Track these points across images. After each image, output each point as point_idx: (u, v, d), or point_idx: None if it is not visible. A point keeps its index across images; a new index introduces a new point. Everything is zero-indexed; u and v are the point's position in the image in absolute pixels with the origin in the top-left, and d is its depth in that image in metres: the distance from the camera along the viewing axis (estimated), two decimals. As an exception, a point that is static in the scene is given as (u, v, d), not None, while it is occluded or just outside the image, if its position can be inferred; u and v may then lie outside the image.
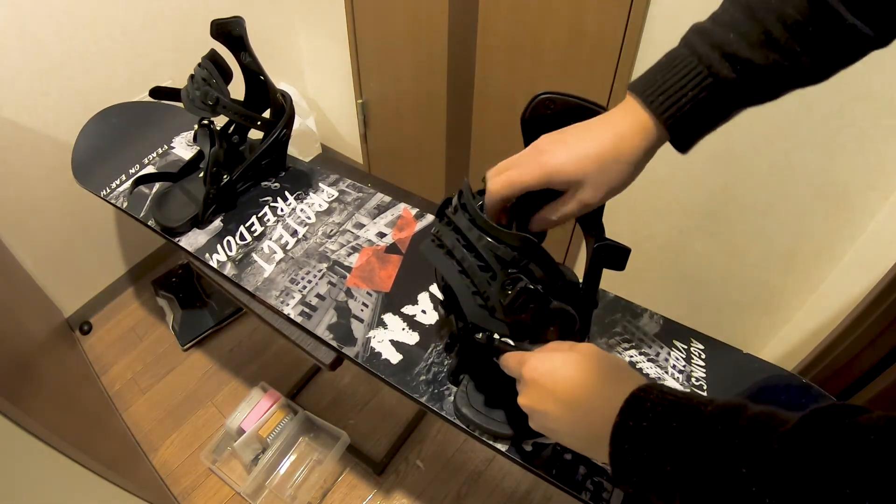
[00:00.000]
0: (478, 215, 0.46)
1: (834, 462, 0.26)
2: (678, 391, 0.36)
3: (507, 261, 0.45)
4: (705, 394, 0.62)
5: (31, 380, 1.02)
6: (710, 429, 0.32)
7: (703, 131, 0.42)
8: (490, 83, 1.41)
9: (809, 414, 0.29)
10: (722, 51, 0.38)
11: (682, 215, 1.24)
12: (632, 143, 0.42)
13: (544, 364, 0.44)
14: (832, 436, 0.27)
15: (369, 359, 0.67)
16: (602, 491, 0.55)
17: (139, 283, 1.84)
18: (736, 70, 0.38)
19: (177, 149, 1.07)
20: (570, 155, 0.43)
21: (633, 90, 0.42)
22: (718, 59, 0.38)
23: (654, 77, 0.41)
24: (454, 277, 0.48)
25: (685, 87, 0.40)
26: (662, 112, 0.41)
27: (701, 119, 0.41)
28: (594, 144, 0.42)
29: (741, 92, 0.39)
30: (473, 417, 0.57)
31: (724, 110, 0.41)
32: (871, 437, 0.26)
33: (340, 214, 0.89)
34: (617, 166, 0.42)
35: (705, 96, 0.40)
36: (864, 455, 0.26)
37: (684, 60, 0.40)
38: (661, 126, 0.41)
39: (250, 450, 1.35)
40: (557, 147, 0.44)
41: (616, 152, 0.42)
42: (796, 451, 0.28)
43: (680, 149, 0.43)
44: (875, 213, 0.96)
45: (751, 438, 0.30)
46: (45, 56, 1.30)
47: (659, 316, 0.70)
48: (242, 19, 0.85)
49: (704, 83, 0.39)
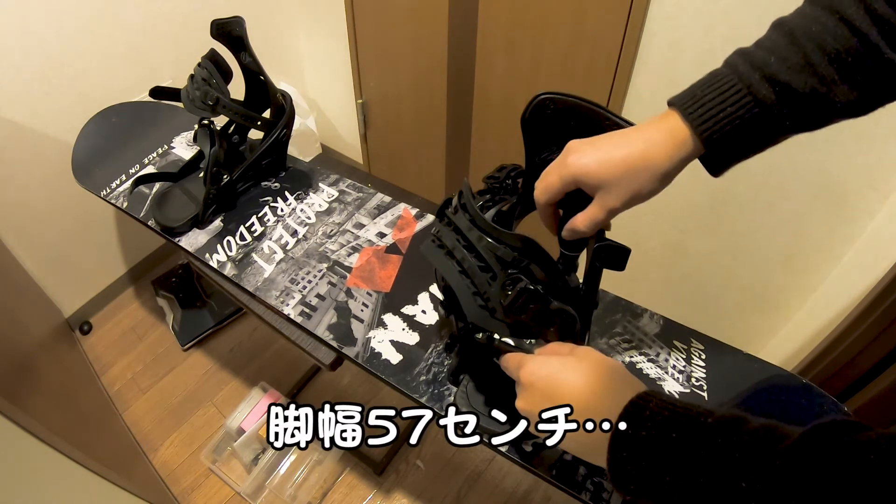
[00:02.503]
0: (478, 216, 0.46)
1: (834, 480, 0.26)
2: (678, 400, 0.36)
3: (507, 261, 0.45)
4: (705, 395, 0.62)
5: (31, 380, 1.02)
6: (710, 441, 0.32)
7: (740, 155, 0.42)
8: (490, 83, 1.41)
9: (811, 430, 0.29)
10: (762, 72, 0.38)
11: (682, 215, 1.24)
12: (664, 150, 0.41)
13: (542, 368, 0.44)
14: (833, 454, 0.27)
15: (369, 359, 0.67)
16: (602, 491, 0.55)
17: (139, 283, 1.84)
18: (775, 92, 0.38)
19: (177, 149, 1.07)
20: (598, 157, 0.42)
21: (672, 103, 0.42)
22: (758, 80, 0.39)
23: (693, 91, 0.41)
24: (454, 278, 0.48)
25: (724, 102, 0.40)
26: (700, 124, 0.40)
27: (739, 141, 0.41)
28: (624, 149, 0.42)
29: (781, 118, 0.39)
30: None
31: (764, 136, 0.40)
32: (872, 456, 0.26)
33: (340, 214, 0.89)
34: (645, 173, 0.42)
35: (745, 117, 0.39)
36: (864, 474, 0.26)
37: (725, 78, 0.40)
38: (696, 139, 0.41)
39: (250, 450, 1.35)
40: (586, 149, 0.44)
41: (645, 158, 0.42)
42: (797, 467, 0.28)
43: (713, 170, 0.43)
44: (875, 214, 0.96)
45: (751, 453, 0.30)
46: (45, 56, 1.30)
47: (659, 316, 0.70)
48: (242, 19, 0.85)
49: (744, 101, 0.39)
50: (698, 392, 0.62)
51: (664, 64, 1.07)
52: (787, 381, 0.62)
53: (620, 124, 0.46)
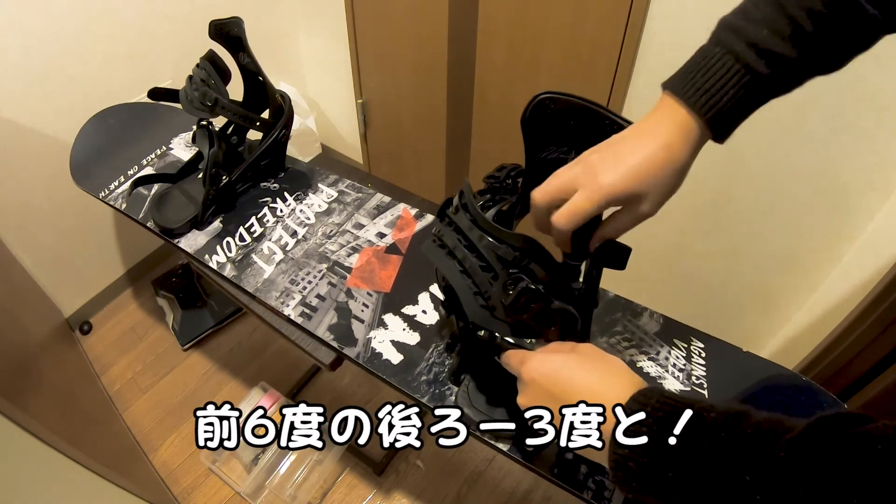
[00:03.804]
0: (479, 215, 0.46)
1: (840, 471, 0.26)
2: (678, 396, 0.36)
3: (508, 261, 0.45)
4: (706, 393, 0.62)
5: (31, 380, 1.02)
6: (713, 436, 0.32)
7: (739, 122, 0.43)
8: (490, 83, 1.41)
9: (816, 422, 0.29)
10: (757, 48, 0.39)
11: (682, 215, 1.24)
12: (680, 148, 0.42)
13: (544, 365, 0.44)
14: (839, 445, 0.27)
15: (370, 359, 0.67)
16: (604, 490, 0.55)
17: (139, 283, 1.84)
18: (770, 65, 0.39)
19: (175, 150, 1.07)
20: (627, 171, 0.42)
21: (672, 91, 0.42)
22: (755, 58, 0.39)
23: (692, 77, 0.41)
24: (455, 277, 0.48)
25: (725, 85, 0.40)
26: (706, 112, 0.41)
27: (737, 112, 0.41)
28: (646, 156, 0.42)
29: (772, 84, 0.40)
30: (475, 417, 0.57)
31: (757, 102, 0.41)
32: (879, 446, 0.26)
33: (340, 215, 0.89)
34: (673, 175, 0.42)
35: (743, 92, 0.40)
36: (871, 464, 0.26)
37: (721, 59, 0.40)
38: (703, 124, 0.41)
39: (250, 450, 1.35)
40: (610, 164, 0.42)
41: (668, 160, 0.42)
42: (802, 459, 0.28)
43: (719, 139, 0.43)
44: (875, 214, 0.96)
45: (755, 446, 0.30)
46: (45, 56, 1.30)
47: (659, 315, 0.70)
48: (241, 20, 0.85)
49: (743, 80, 0.40)
50: (699, 390, 0.62)
51: (664, 64, 1.07)
52: (787, 380, 0.62)
53: (621, 124, 0.46)
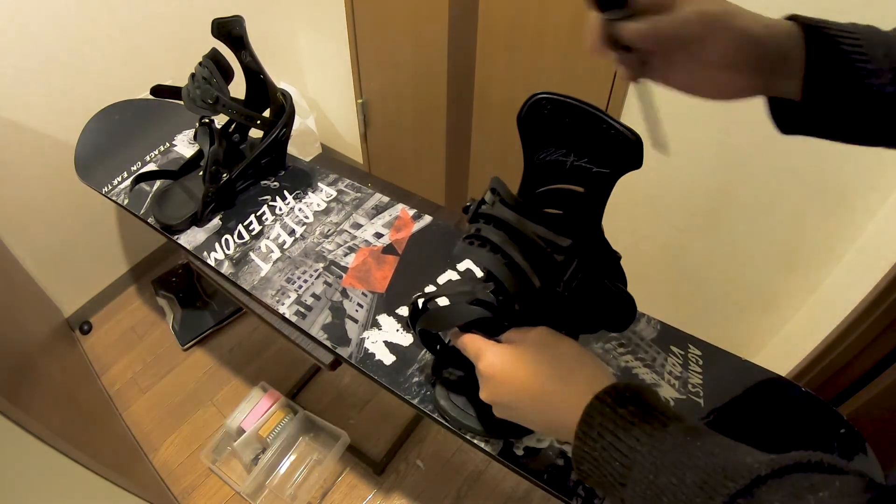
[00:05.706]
0: (525, 207, 0.47)
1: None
2: (640, 397, 0.37)
3: (560, 246, 0.46)
4: (701, 401, 0.61)
5: (31, 380, 1.02)
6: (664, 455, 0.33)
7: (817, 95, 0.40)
8: (490, 83, 1.41)
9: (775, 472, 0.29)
10: None
11: (682, 215, 1.24)
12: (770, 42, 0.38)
13: (498, 358, 0.46)
14: None
15: (363, 359, 0.67)
16: (594, 497, 0.55)
17: (139, 283, 1.84)
18: None
19: (179, 146, 1.07)
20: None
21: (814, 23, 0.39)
22: None
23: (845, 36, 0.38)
24: (501, 270, 0.48)
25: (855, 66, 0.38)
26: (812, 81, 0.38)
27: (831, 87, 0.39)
28: None
29: None
30: (450, 411, 0.58)
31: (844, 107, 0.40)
32: None
33: (338, 214, 0.89)
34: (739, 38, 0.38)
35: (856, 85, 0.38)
36: None
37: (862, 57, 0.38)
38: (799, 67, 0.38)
39: (250, 450, 1.36)
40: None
41: None
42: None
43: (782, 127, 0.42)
44: (875, 213, 0.96)
45: None
46: (45, 56, 1.31)
47: (656, 321, 0.70)
48: (242, 19, 0.85)
49: None
50: (694, 398, 0.62)
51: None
52: (783, 388, 0.62)
53: (617, 128, 0.45)
